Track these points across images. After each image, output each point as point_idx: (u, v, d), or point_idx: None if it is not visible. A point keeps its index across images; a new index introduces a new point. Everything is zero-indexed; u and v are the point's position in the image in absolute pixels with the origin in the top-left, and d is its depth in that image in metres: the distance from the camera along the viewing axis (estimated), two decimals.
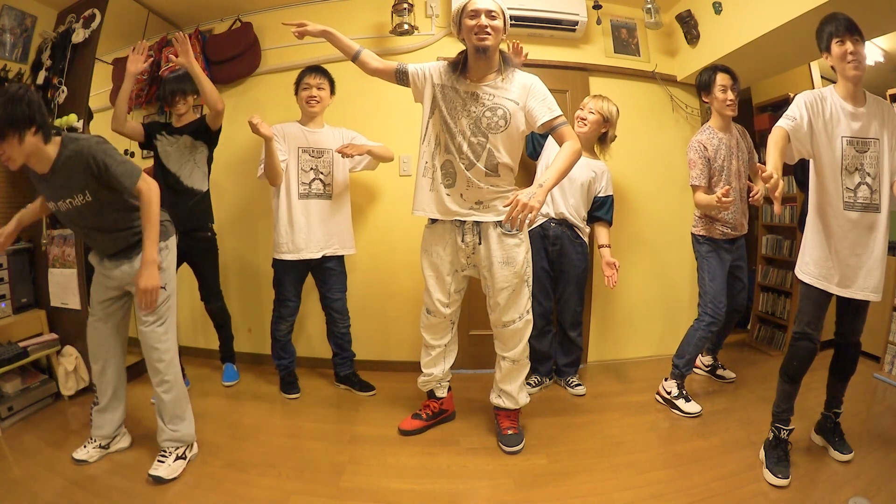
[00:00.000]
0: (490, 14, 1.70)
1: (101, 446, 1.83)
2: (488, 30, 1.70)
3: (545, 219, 2.39)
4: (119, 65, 1.90)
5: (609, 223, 2.45)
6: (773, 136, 1.61)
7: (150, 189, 1.63)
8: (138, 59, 2.13)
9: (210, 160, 2.44)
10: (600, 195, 2.42)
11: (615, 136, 2.43)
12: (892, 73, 3.06)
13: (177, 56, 2.16)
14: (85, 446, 1.82)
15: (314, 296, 2.54)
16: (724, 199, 1.85)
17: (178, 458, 1.74)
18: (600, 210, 2.43)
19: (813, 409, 1.93)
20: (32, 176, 1.62)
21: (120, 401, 1.86)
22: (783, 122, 1.63)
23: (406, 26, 2.59)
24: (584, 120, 2.35)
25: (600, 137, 2.41)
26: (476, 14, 1.71)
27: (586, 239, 2.44)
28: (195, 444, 1.84)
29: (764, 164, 1.50)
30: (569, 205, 2.35)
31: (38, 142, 1.48)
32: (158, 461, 1.71)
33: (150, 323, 1.70)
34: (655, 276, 2.92)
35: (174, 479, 1.69)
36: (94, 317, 1.80)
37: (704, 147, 2.20)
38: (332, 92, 2.38)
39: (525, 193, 1.52)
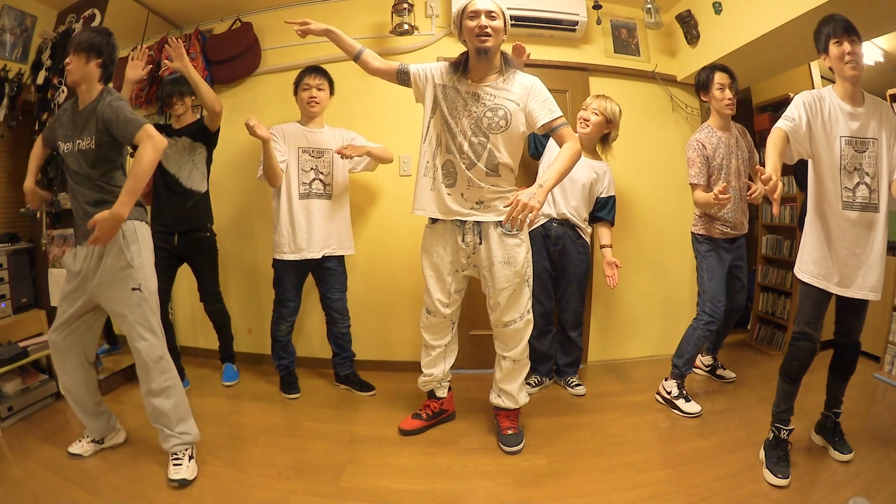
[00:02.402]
0: (490, 14, 1.71)
1: (94, 441, 1.85)
2: (488, 30, 1.70)
3: (547, 219, 2.39)
4: (119, 65, 1.91)
5: (611, 223, 2.46)
6: (772, 137, 1.61)
7: (149, 142, 1.57)
8: (137, 66, 2.11)
9: (209, 161, 2.44)
10: (602, 196, 2.42)
11: (617, 136, 2.43)
12: (892, 73, 3.06)
13: (171, 60, 2.16)
14: (80, 441, 1.84)
15: (314, 296, 2.54)
16: (720, 196, 1.85)
17: (190, 457, 1.73)
18: (602, 210, 2.43)
19: (813, 409, 1.93)
20: (58, 118, 1.76)
21: (99, 414, 1.83)
22: (782, 124, 1.63)
23: (406, 26, 2.59)
24: (587, 121, 2.35)
25: (602, 138, 2.42)
26: (476, 15, 1.71)
27: (588, 239, 2.45)
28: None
29: (763, 164, 1.50)
30: (570, 206, 2.35)
31: (95, 73, 1.69)
32: (174, 465, 1.69)
33: (142, 335, 1.64)
34: (655, 276, 2.92)
35: (195, 478, 1.69)
36: (59, 333, 1.72)
37: (703, 146, 2.21)
38: (332, 92, 2.39)
39: (525, 194, 1.53)
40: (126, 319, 1.65)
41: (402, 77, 1.90)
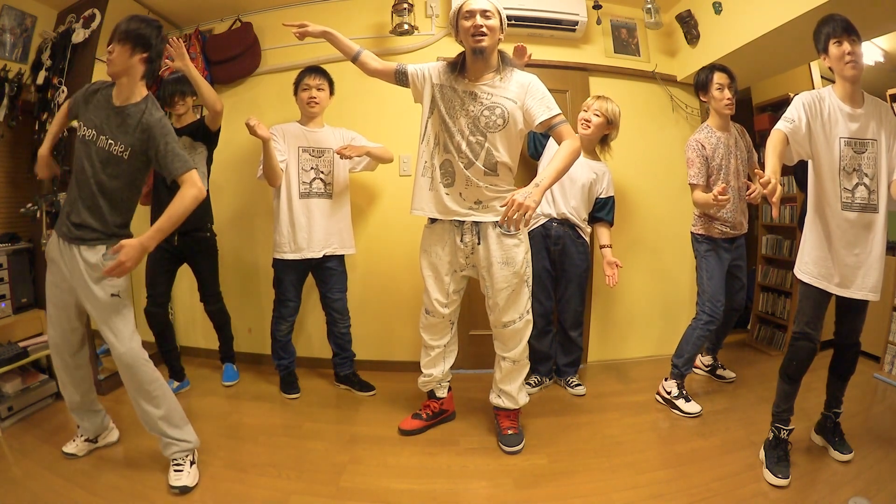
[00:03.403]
0: (485, 14, 1.71)
1: (88, 440, 1.85)
2: (483, 29, 1.70)
3: (547, 219, 2.39)
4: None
5: (610, 224, 2.46)
6: (772, 139, 1.61)
7: (193, 189, 1.57)
8: None
9: (209, 161, 2.43)
10: (602, 196, 2.42)
11: (615, 136, 2.44)
12: (892, 72, 3.06)
13: (172, 60, 2.15)
14: (73, 440, 1.84)
15: (314, 296, 2.54)
16: (720, 196, 1.85)
17: (192, 463, 1.71)
18: (602, 211, 2.43)
19: (813, 409, 1.93)
20: (91, 97, 1.64)
21: (94, 413, 1.83)
22: (781, 125, 1.63)
23: (406, 26, 2.59)
24: (588, 122, 2.35)
25: (602, 138, 2.42)
26: (471, 14, 1.71)
27: (588, 239, 2.45)
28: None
29: (762, 164, 1.50)
30: (570, 206, 2.36)
31: (139, 68, 1.57)
32: (175, 471, 1.67)
33: (119, 340, 1.61)
34: (655, 276, 2.92)
35: (197, 484, 1.67)
36: (55, 329, 1.70)
37: (702, 146, 2.21)
38: (332, 92, 2.39)
39: (521, 193, 1.53)
40: (104, 324, 1.63)
41: (401, 77, 1.91)
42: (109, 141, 1.58)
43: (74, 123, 1.72)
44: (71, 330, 1.73)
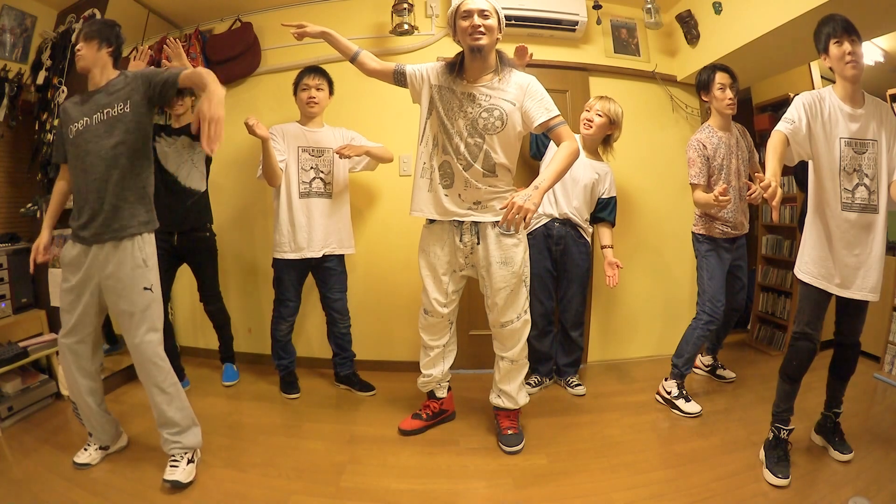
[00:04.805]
0: (483, 13, 1.71)
1: (101, 447, 1.82)
2: (481, 29, 1.70)
3: (549, 219, 2.39)
4: (121, 66, 1.92)
5: (612, 224, 2.46)
6: (772, 141, 1.61)
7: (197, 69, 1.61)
8: (139, 66, 2.11)
9: (208, 160, 2.44)
10: (604, 196, 2.42)
11: (618, 137, 2.44)
12: (892, 73, 3.06)
13: (170, 60, 2.15)
14: (86, 449, 1.80)
15: (314, 296, 2.54)
16: (720, 197, 1.85)
17: (189, 461, 1.71)
18: (603, 211, 2.43)
19: (813, 409, 1.93)
20: (65, 111, 1.72)
21: (107, 420, 1.82)
22: (782, 126, 1.63)
23: (406, 26, 2.59)
24: (591, 122, 2.35)
25: (604, 139, 2.42)
26: (469, 14, 1.71)
27: (589, 238, 2.45)
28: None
29: (763, 164, 1.50)
30: (572, 206, 2.36)
31: (108, 60, 1.72)
32: (171, 466, 1.67)
33: (143, 332, 1.62)
34: (656, 276, 2.92)
35: (191, 482, 1.66)
36: (70, 338, 1.68)
37: (703, 145, 2.21)
38: (331, 92, 2.39)
39: (521, 195, 1.53)
40: (132, 318, 1.63)
41: (399, 78, 1.91)
42: (106, 110, 1.63)
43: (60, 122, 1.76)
44: (95, 333, 1.73)
